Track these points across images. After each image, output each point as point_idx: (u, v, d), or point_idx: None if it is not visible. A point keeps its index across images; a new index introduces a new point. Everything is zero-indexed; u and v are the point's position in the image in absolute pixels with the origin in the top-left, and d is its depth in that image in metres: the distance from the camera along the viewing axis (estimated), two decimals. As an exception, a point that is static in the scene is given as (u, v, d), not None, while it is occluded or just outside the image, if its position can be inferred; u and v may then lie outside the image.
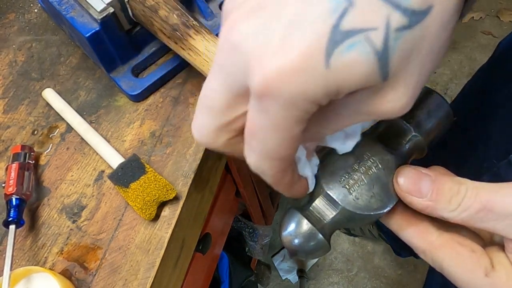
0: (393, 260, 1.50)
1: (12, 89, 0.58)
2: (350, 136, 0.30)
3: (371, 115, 0.24)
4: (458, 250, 0.28)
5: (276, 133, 0.23)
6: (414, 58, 0.22)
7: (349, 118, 0.26)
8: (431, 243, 0.29)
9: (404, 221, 0.30)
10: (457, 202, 0.27)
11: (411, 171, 0.29)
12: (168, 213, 0.47)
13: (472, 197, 0.27)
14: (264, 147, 0.24)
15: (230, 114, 0.25)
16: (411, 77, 0.23)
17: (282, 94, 0.21)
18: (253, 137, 0.24)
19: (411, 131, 0.31)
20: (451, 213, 0.27)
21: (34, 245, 0.47)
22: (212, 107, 0.25)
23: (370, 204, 0.29)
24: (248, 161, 0.26)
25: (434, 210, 0.28)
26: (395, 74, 0.22)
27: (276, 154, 0.24)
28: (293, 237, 0.29)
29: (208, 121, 0.26)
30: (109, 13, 0.48)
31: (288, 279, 1.53)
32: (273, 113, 0.22)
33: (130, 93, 0.53)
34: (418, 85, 0.23)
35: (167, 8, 0.45)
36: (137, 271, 0.44)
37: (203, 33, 0.42)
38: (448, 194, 0.27)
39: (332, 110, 0.25)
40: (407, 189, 0.29)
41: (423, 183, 0.28)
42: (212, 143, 0.27)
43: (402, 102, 0.23)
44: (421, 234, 0.29)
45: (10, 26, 0.63)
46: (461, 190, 0.27)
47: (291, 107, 0.21)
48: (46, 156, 0.52)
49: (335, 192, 0.30)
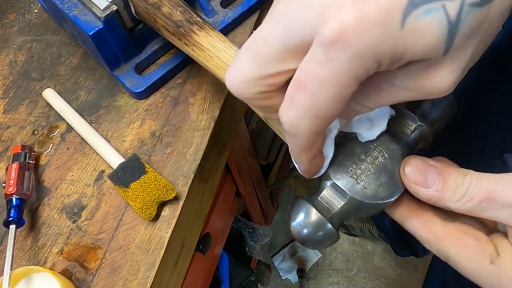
0: (393, 260, 1.50)
1: (13, 89, 0.58)
2: (376, 125, 0.31)
3: (417, 91, 0.25)
4: (463, 239, 0.28)
5: (331, 87, 0.23)
6: (474, 37, 0.23)
7: (392, 94, 0.26)
8: (435, 233, 0.29)
9: (409, 212, 0.30)
10: (461, 192, 0.27)
11: (418, 161, 0.29)
12: (168, 213, 0.47)
13: (476, 188, 0.27)
14: (311, 102, 0.23)
15: (276, 67, 0.25)
16: (464, 56, 0.23)
17: (354, 44, 0.21)
18: (302, 90, 0.23)
19: (416, 121, 0.32)
20: (456, 204, 0.27)
21: (34, 245, 0.47)
22: (259, 55, 0.25)
23: (378, 193, 0.30)
24: (284, 118, 0.25)
25: (440, 201, 0.28)
26: (455, 50, 0.23)
27: (321, 112, 0.24)
28: (302, 227, 0.30)
29: (250, 69, 0.25)
30: (112, 11, 0.48)
31: (288, 279, 1.53)
32: (338, 64, 0.22)
33: (134, 90, 0.53)
34: (467, 67, 0.24)
35: (170, 5, 0.45)
36: (137, 271, 0.44)
37: (207, 29, 0.42)
38: (453, 185, 0.28)
39: (378, 84, 0.26)
40: (414, 180, 0.29)
41: (430, 174, 0.28)
42: (244, 92, 0.26)
43: (450, 80, 0.24)
44: (426, 225, 0.30)
45: (11, 26, 0.63)
46: (466, 180, 0.27)
47: (358, 61, 0.22)
48: (46, 156, 0.52)
49: (343, 182, 0.30)
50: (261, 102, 0.27)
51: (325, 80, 0.22)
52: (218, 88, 0.54)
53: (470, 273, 0.28)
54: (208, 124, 0.51)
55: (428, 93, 0.25)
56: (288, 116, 0.25)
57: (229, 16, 0.56)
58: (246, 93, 0.26)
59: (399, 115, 0.32)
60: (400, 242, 1.36)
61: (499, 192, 0.26)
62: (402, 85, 0.25)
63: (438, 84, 0.24)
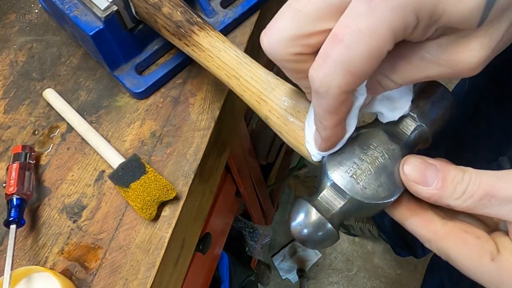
0: (392, 259, 1.50)
1: (13, 89, 0.58)
2: (398, 106, 0.32)
3: (446, 65, 0.25)
4: (463, 237, 0.28)
5: (369, 40, 0.23)
6: (508, 14, 0.23)
7: (420, 68, 0.26)
8: (435, 232, 0.29)
9: (409, 211, 0.30)
10: (461, 189, 0.27)
11: (417, 160, 0.29)
12: (168, 213, 0.47)
13: (476, 184, 0.27)
14: (347, 56, 0.23)
15: (316, 25, 0.25)
16: (497, 33, 0.23)
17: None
18: (338, 43, 0.23)
19: (416, 121, 0.32)
20: (456, 201, 0.27)
21: (34, 244, 0.47)
22: (300, 12, 0.25)
23: (378, 193, 0.30)
24: (315, 75, 0.25)
25: (440, 199, 0.28)
26: (489, 23, 0.23)
27: (356, 67, 0.24)
28: (302, 227, 0.30)
29: (290, 26, 0.25)
30: (113, 11, 0.48)
31: (288, 278, 1.53)
32: (379, 14, 0.22)
33: (135, 90, 0.53)
34: (498, 45, 0.24)
35: (170, 5, 0.45)
36: (138, 270, 0.44)
37: (207, 29, 0.42)
38: (453, 182, 0.28)
39: (408, 57, 0.26)
40: (414, 179, 0.29)
41: (429, 172, 0.28)
42: (280, 52, 0.26)
43: (481, 55, 0.24)
44: (426, 224, 0.29)
45: (11, 26, 0.63)
46: (465, 178, 0.27)
47: (399, 12, 0.22)
48: (47, 156, 0.52)
49: (343, 182, 0.30)
50: (295, 65, 0.27)
51: (363, 32, 0.22)
52: (218, 88, 0.54)
53: (471, 271, 0.28)
54: (208, 124, 0.51)
55: (457, 68, 0.25)
56: (319, 73, 0.25)
57: (229, 16, 0.56)
58: (282, 53, 0.26)
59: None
60: (399, 242, 1.36)
61: (499, 189, 0.26)
62: (432, 58, 0.25)
63: (468, 58, 0.24)
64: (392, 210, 0.31)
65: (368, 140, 0.31)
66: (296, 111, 0.35)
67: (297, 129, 0.35)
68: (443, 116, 0.33)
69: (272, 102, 0.36)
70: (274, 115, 0.36)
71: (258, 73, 0.38)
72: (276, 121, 0.36)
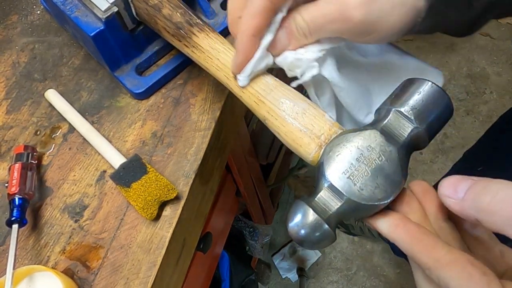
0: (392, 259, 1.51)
1: (15, 90, 0.58)
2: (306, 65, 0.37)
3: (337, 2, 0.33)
4: (469, 270, 0.26)
5: None
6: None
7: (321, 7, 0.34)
8: (438, 259, 0.27)
9: (407, 234, 0.29)
10: (492, 202, 0.25)
11: (453, 177, 0.28)
12: (169, 212, 0.47)
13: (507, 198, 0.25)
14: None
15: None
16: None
17: None
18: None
19: (413, 123, 0.32)
20: (481, 213, 0.26)
21: (36, 244, 0.47)
22: None
23: (375, 195, 0.30)
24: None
25: (467, 211, 0.27)
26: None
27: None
28: (299, 228, 0.30)
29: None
30: (113, 12, 0.48)
31: (288, 277, 1.54)
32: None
33: (135, 91, 0.53)
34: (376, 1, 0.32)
35: (170, 6, 0.45)
36: (139, 270, 0.45)
37: (207, 31, 0.43)
38: (480, 192, 0.26)
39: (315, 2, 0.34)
40: (445, 192, 0.28)
41: (461, 185, 0.27)
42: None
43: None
44: (427, 249, 0.28)
45: (13, 27, 0.64)
46: (493, 187, 0.26)
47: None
48: (49, 156, 0.53)
49: (340, 183, 0.31)
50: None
51: None
52: (218, 89, 0.54)
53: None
54: (209, 125, 0.52)
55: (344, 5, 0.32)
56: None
57: (229, 17, 0.56)
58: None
59: (395, 117, 0.33)
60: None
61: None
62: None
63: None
64: (390, 235, 0.30)
65: (365, 142, 0.32)
66: (294, 113, 0.35)
67: (295, 130, 0.35)
68: (440, 117, 0.33)
69: (270, 103, 0.37)
70: (272, 116, 0.36)
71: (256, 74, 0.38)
72: (274, 122, 0.36)
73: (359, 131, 0.33)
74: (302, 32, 0.35)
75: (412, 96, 0.33)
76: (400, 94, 0.34)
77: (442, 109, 0.33)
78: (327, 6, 0.33)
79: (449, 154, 1.65)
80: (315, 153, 0.34)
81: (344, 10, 0.32)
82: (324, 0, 0.34)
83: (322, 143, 0.34)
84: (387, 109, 0.33)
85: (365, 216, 0.32)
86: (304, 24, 0.35)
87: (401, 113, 0.33)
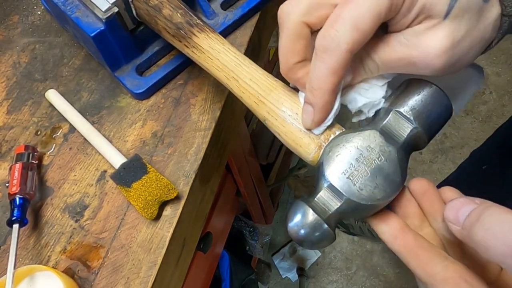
0: (391, 259, 1.51)
1: (16, 90, 0.58)
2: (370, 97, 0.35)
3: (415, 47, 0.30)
4: None
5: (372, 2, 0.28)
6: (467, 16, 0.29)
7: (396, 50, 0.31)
8: (433, 276, 0.27)
9: (405, 249, 0.29)
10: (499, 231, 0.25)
11: (456, 200, 0.28)
12: (169, 212, 0.47)
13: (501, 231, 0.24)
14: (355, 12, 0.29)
15: None
16: (459, 29, 0.30)
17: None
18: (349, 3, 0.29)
19: (412, 123, 0.33)
20: (476, 237, 0.25)
21: (37, 244, 0.47)
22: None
23: (374, 195, 0.31)
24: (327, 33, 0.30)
25: (467, 238, 0.26)
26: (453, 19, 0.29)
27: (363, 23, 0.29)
28: (299, 228, 0.31)
29: None
30: (114, 12, 0.48)
31: (288, 277, 1.54)
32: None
33: (135, 91, 0.53)
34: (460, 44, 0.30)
35: (171, 7, 0.45)
36: (139, 269, 0.45)
37: (207, 31, 0.43)
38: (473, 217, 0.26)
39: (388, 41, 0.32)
40: (448, 218, 0.28)
41: (463, 210, 0.27)
42: (293, 18, 0.32)
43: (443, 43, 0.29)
44: (422, 265, 0.28)
45: (14, 28, 0.64)
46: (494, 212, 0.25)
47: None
48: (49, 156, 0.53)
49: (340, 183, 0.31)
50: (300, 30, 0.32)
51: None
52: (218, 89, 0.54)
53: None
54: (209, 125, 0.52)
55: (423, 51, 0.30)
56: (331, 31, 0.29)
57: (229, 18, 0.57)
58: (295, 20, 0.32)
59: (395, 117, 0.33)
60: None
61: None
62: (406, 42, 0.31)
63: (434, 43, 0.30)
64: (391, 246, 0.31)
65: (364, 142, 0.32)
66: (294, 113, 0.36)
67: (295, 130, 0.35)
68: (439, 118, 0.33)
69: (270, 104, 0.37)
70: (272, 117, 0.36)
71: (257, 74, 0.38)
72: (274, 122, 0.36)
73: (359, 131, 0.33)
74: (371, 72, 0.34)
75: (411, 97, 0.33)
76: (399, 95, 0.34)
77: (441, 110, 0.33)
78: (404, 50, 0.31)
79: (449, 154, 1.66)
80: (315, 153, 0.34)
81: (424, 58, 0.30)
82: (399, 41, 0.31)
83: (322, 143, 0.34)
84: (387, 110, 0.34)
85: (365, 216, 0.32)
86: (375, 66, 0.33)
87: (400, 113, 0.33)
